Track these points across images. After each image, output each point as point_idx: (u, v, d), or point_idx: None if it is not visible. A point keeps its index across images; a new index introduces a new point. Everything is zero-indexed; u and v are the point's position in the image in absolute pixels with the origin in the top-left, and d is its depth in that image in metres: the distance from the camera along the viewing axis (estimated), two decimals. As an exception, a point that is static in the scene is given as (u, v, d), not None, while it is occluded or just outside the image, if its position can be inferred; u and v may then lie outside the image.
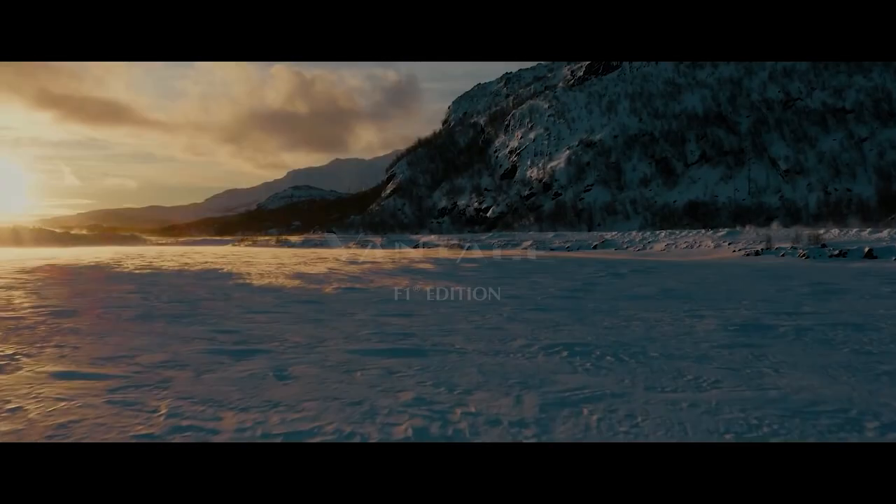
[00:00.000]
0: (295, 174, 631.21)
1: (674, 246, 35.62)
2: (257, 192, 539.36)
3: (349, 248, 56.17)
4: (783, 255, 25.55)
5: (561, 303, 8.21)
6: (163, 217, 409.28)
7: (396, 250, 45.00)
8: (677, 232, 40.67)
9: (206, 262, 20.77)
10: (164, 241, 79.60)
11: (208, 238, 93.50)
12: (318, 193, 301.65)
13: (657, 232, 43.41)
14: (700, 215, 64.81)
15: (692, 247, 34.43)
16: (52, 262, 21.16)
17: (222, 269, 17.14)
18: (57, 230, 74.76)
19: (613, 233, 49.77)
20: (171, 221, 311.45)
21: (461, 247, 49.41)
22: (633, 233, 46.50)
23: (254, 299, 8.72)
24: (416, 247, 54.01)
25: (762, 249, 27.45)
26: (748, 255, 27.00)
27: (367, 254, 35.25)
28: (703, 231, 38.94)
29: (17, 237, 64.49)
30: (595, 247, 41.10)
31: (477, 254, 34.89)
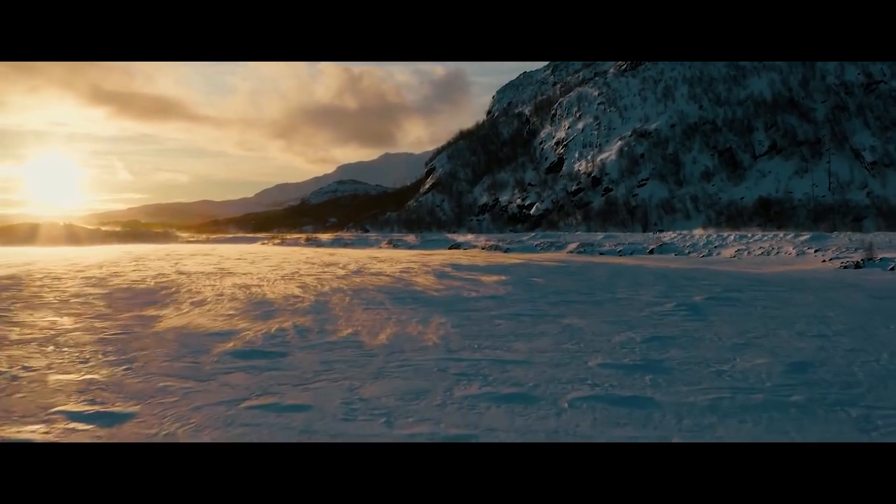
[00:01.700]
0: (344, 168, 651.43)
1: (746, 252, 30.83)
2: (307, 186, 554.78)
3: (380, 248, 54.06)
4: (892, 269, 20.75)
5: (607, 423, 4.21)
6: (212, 211, 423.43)
7: (426, 252, 41.83)
8: (749, 235, 35.71)
9: (173, 276, 17.31)
10: (193, 239, 78.64)
11: (240, 236, 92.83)
12: (363, 188, 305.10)
13: (724, 234, 38.44)
14: (773, 215, 57.83)
15: (769, 253, 29.60)
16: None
17: (168, 289, 13.60)
18: (89, 227, 74.49)
19: (672, 234, 44.96)
20: (219, 216, 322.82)
21: (499, 248, 46.05)
22: (696, 234, 41.61)
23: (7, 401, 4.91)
24: (451, 247, 50.91)
25: (862, 261, 22.59)
26: (845, 266, 22.12)
27: (390, 257, 31.99)
28: (780, 234, 33.97)
29: (38, 234, 63.91)
30: (651, 251, 36.58)
31: (513, 258, 31.12)
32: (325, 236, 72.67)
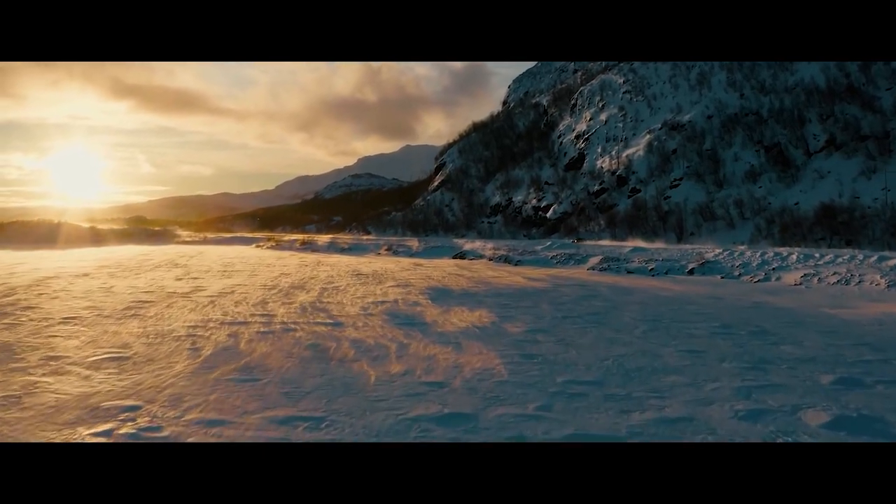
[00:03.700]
0: (365, 161, 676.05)
1: (815, 277, 26.09)
2: (327, 178, 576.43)
3: (378, 254, 51.96)
4: None
5: None
6: (232, 204, 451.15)
7: (423, 262, 40.03)
8: (816, 254, 30.83)
9: (56, 324, 13.04)
10: (190, 239, 78.29)
11: (239, 235, 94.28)
12: (379, 182, 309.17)
13: (784, 251, 33.59)
14: (839, 225, 52.13)
15: (847, 282, 24.83)
16: None
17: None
18: (84, 225, 73.84)
19: (715, 248, 40.10)
20: (238, 209, 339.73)
21: (509, 260, 42.47)
22: (746, 249, 36.72)
23: None
24: (455, 256, 47.44)
25: None
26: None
27: (376, 272, 28.95)
28: (856, 254, 29.11)
29: (20, 234, 62.39)
30: (692, 271, 32.02)
31: (522, 278, 26.93)
32: (322, 239, 71.87)
